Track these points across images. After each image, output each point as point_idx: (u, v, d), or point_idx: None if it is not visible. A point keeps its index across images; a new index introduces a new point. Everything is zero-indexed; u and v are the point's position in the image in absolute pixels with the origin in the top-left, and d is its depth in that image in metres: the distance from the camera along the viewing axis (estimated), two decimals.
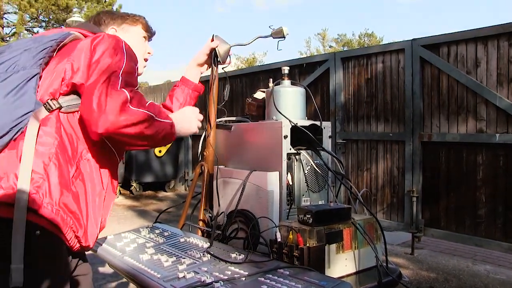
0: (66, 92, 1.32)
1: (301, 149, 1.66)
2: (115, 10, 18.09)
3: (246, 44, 1.95)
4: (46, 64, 1.34)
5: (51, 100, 1.29)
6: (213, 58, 1.90)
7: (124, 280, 1.79)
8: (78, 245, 1.32)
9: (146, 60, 1.74)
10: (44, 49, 1.34)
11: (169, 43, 68.59)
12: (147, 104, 1.33)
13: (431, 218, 4.35)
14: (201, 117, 1.60)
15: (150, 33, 1.74)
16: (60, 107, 1.30)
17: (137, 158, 7.49)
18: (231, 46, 1.91)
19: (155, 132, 1.32)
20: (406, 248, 4.35)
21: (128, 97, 1.25)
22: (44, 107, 1.27)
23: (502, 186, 3.81)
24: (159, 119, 1.34)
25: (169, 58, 68.00)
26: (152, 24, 1.74)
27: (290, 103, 1.76)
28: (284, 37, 1.84)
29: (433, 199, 4.34)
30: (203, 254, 1.45)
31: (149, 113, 1.29)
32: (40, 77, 1.31)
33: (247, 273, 1.26)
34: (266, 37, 1.86)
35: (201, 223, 1.89)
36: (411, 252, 4.23)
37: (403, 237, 4.64)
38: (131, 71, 1.36)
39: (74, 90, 1.32)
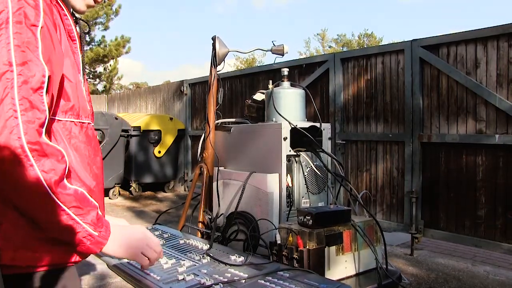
0: None
1: (300, 151, 1.66)
2: (114, 10, 18.08)
3: (244, 53, 2.01)
4: None
5: None
6: (212, 59, 1.91)
7: (124, 281, 1.78)
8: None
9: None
10: None
11: (169, 43, 68.63)
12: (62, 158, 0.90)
13: (431, 219, 4.35)
14: (159, 249, 1.13)
15: None
16: None
17: (136, 158, 7.48)
18: (229, 51, 1.93)
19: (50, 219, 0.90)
20: (406, 249, 4.35)
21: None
22: None
23: (502, 187, 3.81)
24: (70, 213, 0.90)
25: (168, 58, 68.05)
26: (153, 23, 1.26)
27: (289, 104, 1.76)
28: (283, 55, 1.92)
29: (432, 200, 4.34)
30: (203, 256, 1.45)
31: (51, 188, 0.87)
32: None
33: (247, 275, 1.26)
34: (266, 50, 1.94)
35: (200, 224, 1.89)
36: (411, 253, 4.23)
37: (402, 238, 4.63)
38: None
39: None
